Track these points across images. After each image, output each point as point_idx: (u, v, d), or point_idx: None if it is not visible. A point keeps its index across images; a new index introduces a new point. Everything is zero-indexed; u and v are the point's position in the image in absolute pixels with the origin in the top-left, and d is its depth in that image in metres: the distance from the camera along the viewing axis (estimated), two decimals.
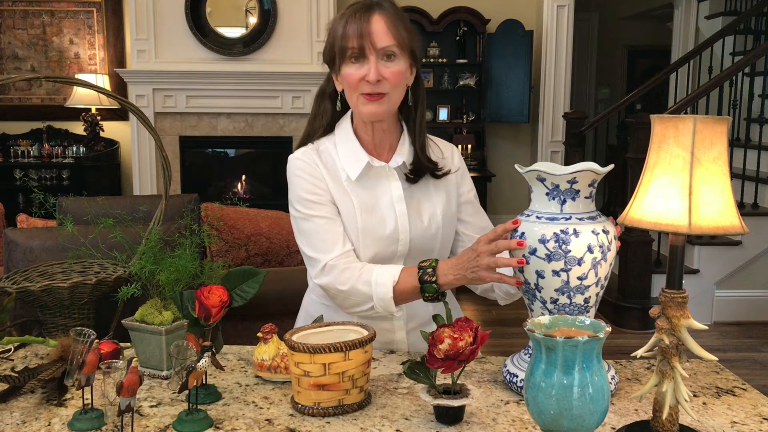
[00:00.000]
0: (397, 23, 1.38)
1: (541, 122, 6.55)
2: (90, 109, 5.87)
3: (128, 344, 1.42)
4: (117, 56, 6.11)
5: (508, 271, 1.28)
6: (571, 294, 1.19)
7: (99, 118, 5.89)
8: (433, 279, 1.32)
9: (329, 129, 1.50)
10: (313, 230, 1.42)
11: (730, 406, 1.21)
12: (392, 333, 1.50)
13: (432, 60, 6.64)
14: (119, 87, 5.84)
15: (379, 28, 1.35)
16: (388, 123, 1.46)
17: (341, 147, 1.46)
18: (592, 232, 1.18)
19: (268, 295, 1.62)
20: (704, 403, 1.22)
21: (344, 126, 1.48)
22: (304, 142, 1.51)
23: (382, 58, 1.36)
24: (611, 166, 1.24)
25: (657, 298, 1.14)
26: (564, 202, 1.20)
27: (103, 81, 5.88)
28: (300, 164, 1.45)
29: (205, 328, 1.29)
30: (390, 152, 1.48)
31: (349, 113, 1.50)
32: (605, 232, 1.19)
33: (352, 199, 1.44)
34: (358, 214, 1.43)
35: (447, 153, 1.56)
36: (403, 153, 1.47)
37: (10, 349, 1.45)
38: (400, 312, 1.41)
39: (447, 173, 1.51)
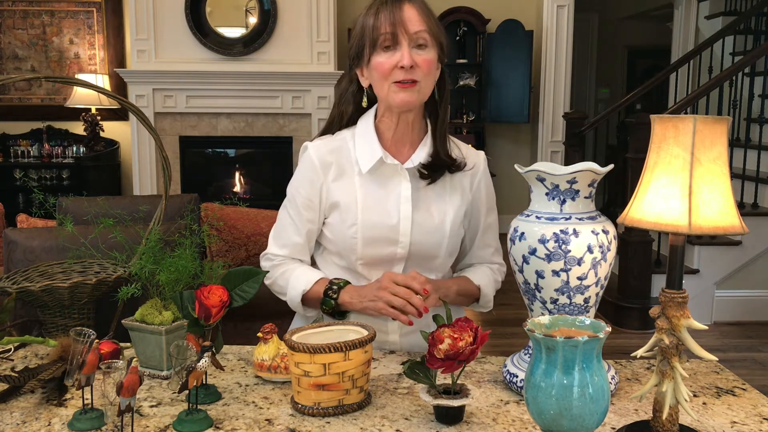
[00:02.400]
0: (428, 13, 1.40)
1: (541, 122, 6.56)
2: (90, 109, 5.87)
3: (128, 344, 1.42)
4: (117, 56, 6.11)
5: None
6: (571, 294, 1.19)
7: (99, 118, 5.89)
8: (335, 296, 1.42)
9: (351, 123, 1.52)
10: (283, 219, 1.53)
11: (730, 406, 1.21)
12: (386, 335, 1.50)
13: None
14: (119, 87, 5.84)
15: (411, 15, 1.36)
16: (414, 116, 1.45)
17: (359, 139, 1.46)
18: (592, 232, 1.18)
19: (268, 295, 1.62)
20: (704, 403, 1.22)
21: (367, 119, 1.48)
22: (324, 132, 1.53)
23: (414, 46, 1.37)
24: (611, 166, 1.24)
25: (657, 298, 1.14)
26: (564, 202, 1.20)
27: (103, 81, 5.89)
28: (308, 162, 1.48)
29: (205, 328, 1.28)
30: (411, 149, 1.47)
31: (372, 110, 1.49)
32: (605, 232, 1.19)
33: (357, 193, 1.44)
34: (359, 209, 1.44)
35: (469, 162, 1.51)
36: (423, 152, 1.46)
37: (10, 349, 1.45)
38: (311, 312, 1.49)
39: (463, 167, 1.49)
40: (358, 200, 1.44)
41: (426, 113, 1.49)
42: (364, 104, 1.47)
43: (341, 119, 1.52)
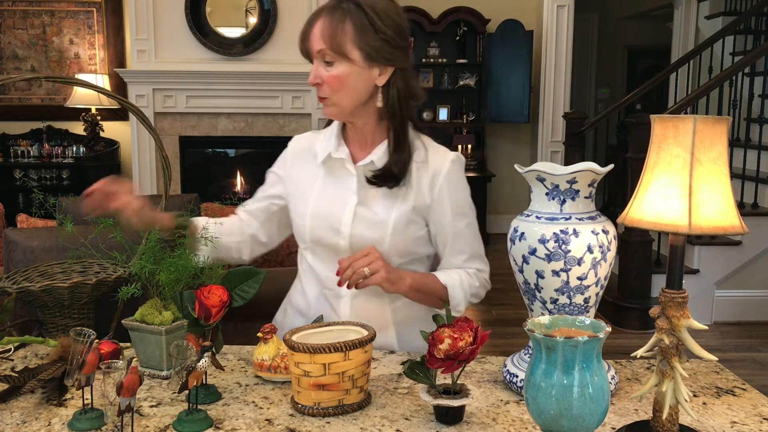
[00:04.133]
0: (339, 26, 1.37)
1: (541, 122, 6.55)
2: (90, 109, 5.87)
3: (128, 344, 1.42)
4: (117, 56, 6.11)
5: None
6: (571, 294, 1.19)
7: (99, 118, 5.89)
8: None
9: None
10: (264, 183, 1.65)
11: (730, 406, 1.21)
12: (338, 299, 1.51)
13: (432, 60, 6.65)
14: (119, 87, 5.84)
15: (317, 32, 1.39)
16: (361, 121, 1.47)
17: (327, 134, 1.54)
18: (592, 232, 1.18)
19: (268, 295, 1.62)
20: (704, 403, 1.22)
21: None
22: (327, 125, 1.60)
23: (322, 62, 1.40)
24: (611, 166, 1.24)
25: (657, 298, 1.14)
26: (564, 202, 1.20)
27: (103, 81, 5.89)
28: (288, 150, 1.62)
29: (205, 328, 1.29)
30: (370, 148, 1.49)
31: None
32: (605, 232, 1.19)
33: (317, 183, 1.52)
34: (313, 196, 1.50)
35: (432, 165, 1.48)
36: (376, 156, 1.46)
37: (10, 349, 1.45)
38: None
39: (400, 184, 1.47)
40: (314, 189, 1.51)
41: (380, 112, 1.47)
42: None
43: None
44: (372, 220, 1.46)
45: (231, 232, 1.59)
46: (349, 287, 1.36)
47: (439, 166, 1.48)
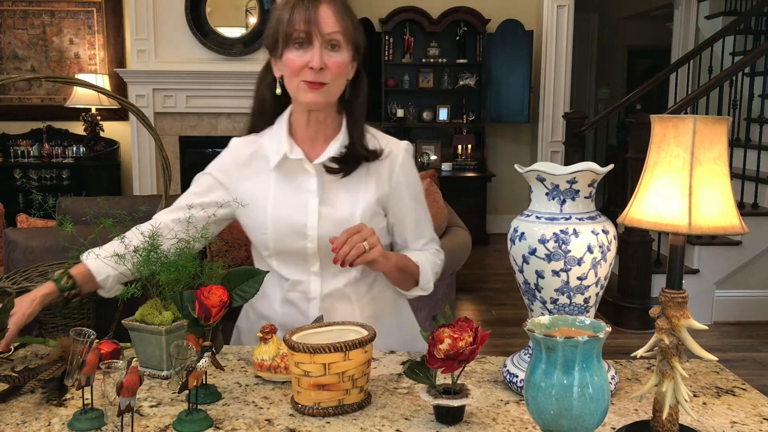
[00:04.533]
0: (344, 14, 1.39)
1: (541, 122, 6.56)
2: (90, 109, 5.87)
3: (128, 344, 1.42)
4: (117, 56, 6.11)
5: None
6: (571, 294, 1.19)
7: (99, 118, 5.89)
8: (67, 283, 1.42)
9: (272, 121, 1.52)
10: (194, 186, 1.54)
11: (730, 406, 1.21)
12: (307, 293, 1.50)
13: (432, 60, 6.65)
14: (119, 87, 5.84)
15: (327, 16, 1.36)
16: (326, 114, 1.45)
17: (273, 135, 1.48)
18: (592, 232, 1.18)
19: None
20: (704, 403, 1.22)
21: (282, 116, 1.49)
22: (250, 123, 1.55)
23: (327, 47, 1.36)
24: (611, 166, 1.24)
25: (657, 298, 1.14)
26: (564, 202, 1.20)
27: (103, 81, 5.89)
28: (229, 156, 1.52)
29: (205, 328, 1.28)
30: (324, 145, 1.46)
31: (290, 107, 1.49)
32: (605, 232, 1.19)
33: (270, 187, 1.46)
34: (270, 203, 1.45)
35: (387, 154, 1.49)
36: (335, 147, 1.45)
37: (10, 350, 1.45)
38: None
39: (380, 154, 1.47)
40: (269, 196, 1.46)
41: (340, 108, 1.48)
42: (278, 92, 1.46)
43: (262, 108, 1.52)
44: (338, 218, 1.43)
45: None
46: (343, 265, 1.32)
47: (395, 156, 1.50)
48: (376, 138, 1.50)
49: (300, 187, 1.45)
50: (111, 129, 6.09)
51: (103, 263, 1.42)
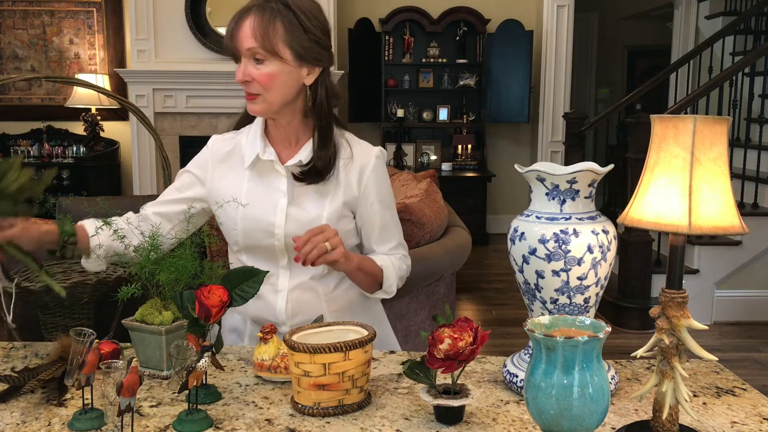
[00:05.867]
0: (270, 25, 1.38)
1: (541, 122, 6.56)
2: (90, 109, 5.87)
3: (128, 344, 1.42)
4: (117, 56, 6.11)
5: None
6: (571, 294, 1.19)
7: (99, 118, 5.89)
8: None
9: (251, 120, 1.57)
10: (175, 182, 1.59)
11: (730, 406, 1.21)
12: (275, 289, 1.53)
13: (432, 60, 6.65)
14: (119, 87, 5.84)
15: (246, 31, 1.39)
16: (285, 119, 1.49)
17: (250, 135, 1.53)
18: (592, 232, 1.18)
19: None
20: (704, 403, 1.22)
21: (259, 118, 1.54)
22: (237, 123, 1.61)
23: (252, 60, 1.40)
24: (611, 166, 1.24)
25: (657, 298, 1.14)
26: (564, 202, 1.20)
27: (103, 81, 5.89)
28: (208, 153, 1.57)
29: (205, 328, 1.28)
30: (296, 148, 1.51)
31: None
32: (605, 232, 1.19)
33: (244, 186, 1.51)
34: (242, 201, 1.49)
35: (358, 159, 1.52)
36: (303, 155, 1.49)
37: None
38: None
39: (328, 176, 1.49)
40: (242, 193, 1.50)
41: (306, 111, 1.50)
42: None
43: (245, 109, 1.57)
44: (305, 219, 1.47)
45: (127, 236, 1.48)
46: (305, 264, 1.36)
47: (365, 161, 1.52)
48: (350, 144, 1.53)
49: (270, 186, 1.50)
50: (111, 129, 6.09)
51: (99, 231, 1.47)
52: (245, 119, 1.58)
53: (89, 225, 1.48)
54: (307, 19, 1.40)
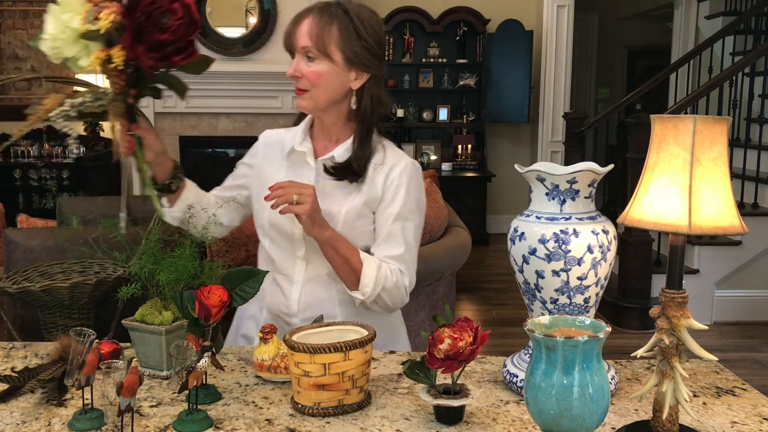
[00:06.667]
0: (327, 27, 1.46)
1: (541, 122, 6.55)
2: None
3: (128, 344, 1.42)
4: None
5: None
6: (571, 294, 1.19)
7: None
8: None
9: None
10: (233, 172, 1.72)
11: (730, 406, 1.21)
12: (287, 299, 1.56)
13: (432, 60, 6.65)
14: None
15: (303, 30, 1.47)
16: (330, 119, 1.55)
17: (296, 129, 1.61)
18: (592, 232, 1.18)
19: None
20: (704, 403, 1.22)
21: (309, 116, 1.61)
22: (294, 125, 1.67)
23: (305, 58, 1.48)
24: (611, 166, 1.24)
25: (657, 298, 1.14)
26: (564, 202, 1.20)
27: (103, 81, 5.88)
28: (259, 143, 1.69)
29: (205, 328, 1.28)
30: (334, 145, 1.56)
31: None
32: (605, 232, 1.19)
33: (281, 174, 1.58)
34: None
35: (388, 164, 1.54)
36: (339, 152, 1.53)
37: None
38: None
39: (361, 179, 1.53)
40: (276, 179, 1.53)
41: (350, 114, 1.55)
42: None
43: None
44: (325, 211, 1.49)
45: (208, 206, 1.62)
46: (273, 207, 1.41)
47: (394, 165, 1.55)
48: (385, 150, 1.57)
49: (301, 177, 1.54)
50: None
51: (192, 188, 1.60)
52: (301, 116, 1.64)
53: (191, 187, 1.59)
54: (363, 27, 1.47)
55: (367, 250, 1.56)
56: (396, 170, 1.53)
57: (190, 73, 1.37)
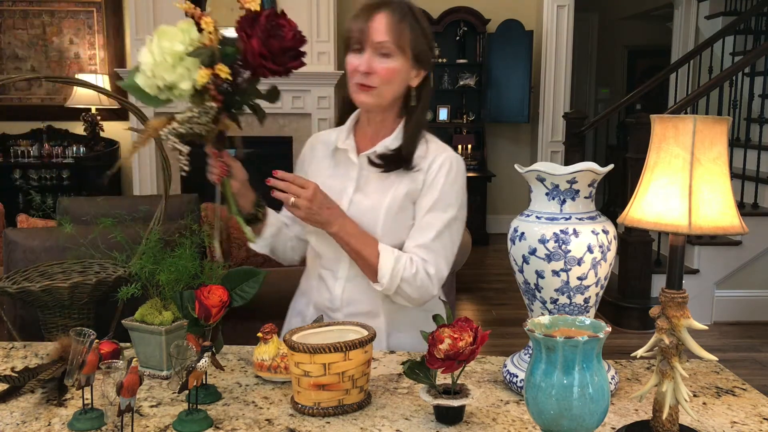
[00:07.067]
0: (401, 24, 1.45)
1: (541, 122, 6.55)
2: (90, 109, 5.87)
3: (128, 344, 1.42)
4: (117, 56, 6.11)
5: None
6: (571, 294, 1.19)
7: (99, 118, 5.89)
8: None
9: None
10: None
11: (730, 406, 1.21)
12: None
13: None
14: (119, 87, 5.84)
15: (379, 25, 1.45)
16: (383, 116, 1.54)
17: (342, 128, 1.61)
18: (592, 232, 1.18)
19: (268, 295, 1.62)
20: (704, 403, 1.22)
21: (356, 112, 1.60)
22: (337, 124, 1.68)
23: (378, 54, 1.45)
24: (611, 166, 1.24)
25: (657, 298, 1.14)
26: (564, 202, 1.20)
27: (103, 81, 5.88)
28: (308, 143, 1.69)
29: (205, 328, 1.28)
30: (379, 140, 1.56)
31: None
32: (605, 232, 1.19)
33: (324, 169, 1.60)
34: (318, 182, 1.51)
35: (430, 157, 1.54)
36: (385, 145, 1.53)
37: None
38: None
39: (411, 168, 1.53)
40: (321, 176, 1.56)
41: (402, 113, 1.56)
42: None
43: (344, 105, 1.64)
44: (367, 206, 1.51)
45: (289, 234, 1.65)
46: (276, 197, 1.43)
47: (436, 157, 1.54)
48: (427, 143, 1.56)
49: (344, 174, 1.57)
50: (111, 129, 6.09)
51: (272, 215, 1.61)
52: (344, 115, 1.63)
53: (271, 212, 1.60)
54: (426, 26, 1.49)
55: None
56: (437, 162, 1.53)
57: (265, 101, 1.38)
